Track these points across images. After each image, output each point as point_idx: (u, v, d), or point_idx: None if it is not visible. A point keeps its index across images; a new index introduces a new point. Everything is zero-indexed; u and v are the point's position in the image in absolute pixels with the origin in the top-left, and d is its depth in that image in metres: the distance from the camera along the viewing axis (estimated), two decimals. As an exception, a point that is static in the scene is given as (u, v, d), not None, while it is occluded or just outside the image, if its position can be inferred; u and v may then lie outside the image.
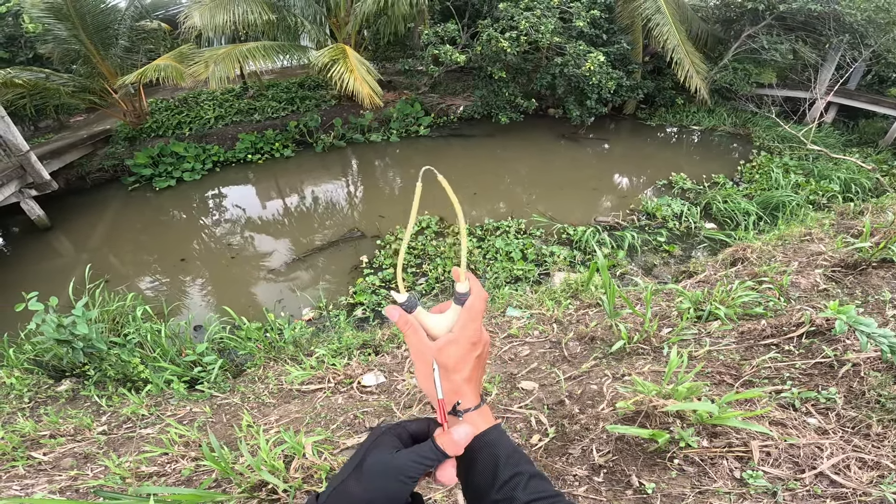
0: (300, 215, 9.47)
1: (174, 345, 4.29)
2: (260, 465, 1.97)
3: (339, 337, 4.16)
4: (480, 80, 12.50)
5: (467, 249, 6.67)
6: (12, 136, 9.09)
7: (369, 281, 6.37)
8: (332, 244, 7.80)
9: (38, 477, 2.42)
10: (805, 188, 8.31)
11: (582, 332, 3.23)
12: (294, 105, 13.11)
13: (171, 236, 8.95)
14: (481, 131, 12.53)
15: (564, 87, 11.17)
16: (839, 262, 3.57)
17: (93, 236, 9.39)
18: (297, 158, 11.96)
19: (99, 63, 10.99)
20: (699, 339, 2.79)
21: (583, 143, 11.91)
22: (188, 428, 2.60)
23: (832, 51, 11.96)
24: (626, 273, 6.28)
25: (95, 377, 3.75)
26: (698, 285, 4.11)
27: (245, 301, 6.57)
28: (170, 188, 10.87)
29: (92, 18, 10.46)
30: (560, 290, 4.63)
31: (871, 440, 1.76)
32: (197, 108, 12.89)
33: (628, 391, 2.15)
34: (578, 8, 10.88)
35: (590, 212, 8.45)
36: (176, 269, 7.64)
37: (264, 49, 10.52)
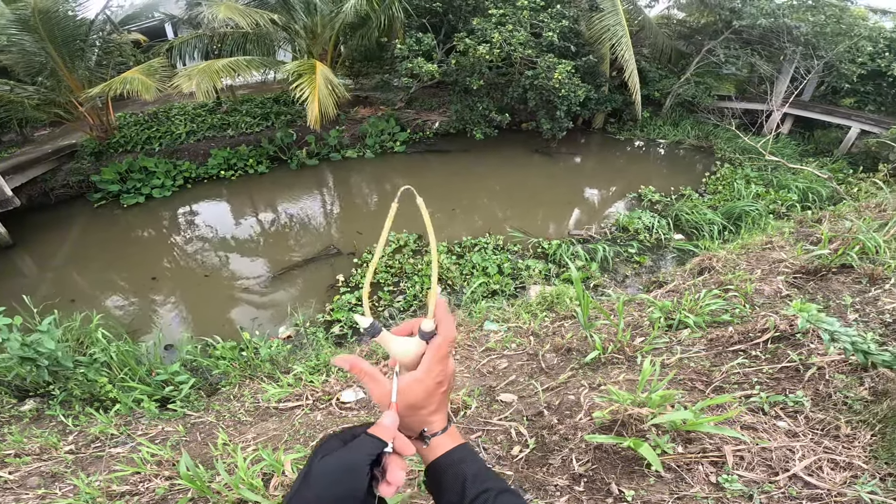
0: (276, 233, 9.35)
1: (144, 364, 4.17)
2: (238, 483, 1.94)
3: (316, 354, 4.12)
4: (455, 94, 12.65)
5: (438, 275, 6.73)
6: (-29, 151, 8.76)
7: (346, 299, 6.32)
8: (309, 262, 7.72)
9: (3, 495, 2.39)
10: (765, 198, 8.66)
11: (558, 343, 3.27)
12: (269, 120, 12.98)
13: (140, 255, 8.71)
14: (457, 146, 12.66)
15: (536, 99, 11.42)
16: (800, 268, 3.70)
17: (58, 255, 9.06)
18: (272, 175, 11.83)
19: (65, 76, 10.72)
20: (671, 348, 2.86)
21: (555, 157, 12.18)
22: (161, 447, 2.54)
23: (786, 63, 12.57)
24: (600, 285, 6.41)
25: (61, 396, 3.62)
26: (668, 295, 4.21)
27: (220, 320, 6.42)
28: (138, 205, 10.59)
29: (60, 31, 10.20)
30: (536, 303, 4.69)
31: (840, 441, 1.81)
32: (168, 123, 12.66)
33: (604, 401, 2.18)
34: (548, 20, 11.19)
35: (564, 225, 8.62)
36: (146, 289, 7.43)
37: (245, 63, 10.48)
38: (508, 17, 11.04)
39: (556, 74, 10.36)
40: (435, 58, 11.78)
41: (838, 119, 12.24)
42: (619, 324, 2.99)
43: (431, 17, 12.70)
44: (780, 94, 13.00)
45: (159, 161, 11.32)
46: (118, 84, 9.60)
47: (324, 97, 9.68)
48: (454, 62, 11.24)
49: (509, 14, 11.14)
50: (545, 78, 10.58)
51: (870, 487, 1.58)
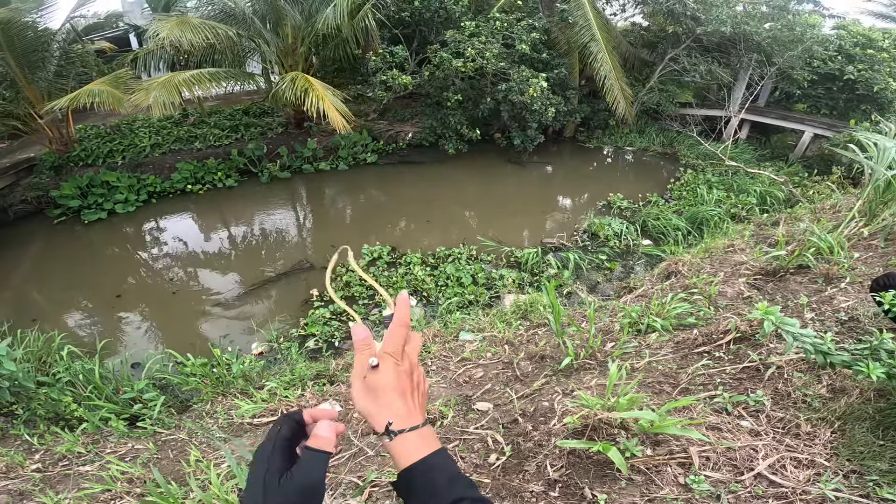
0: (247, 248, 9.20)
1: (110, 383, 4.03)
2: (212, 499, 1.91)
3: (291, 369, 4.07)
4: (428, 107, 12.75)
5: (412, 287, 6.76)
6: (-79, 166, 8.35)
7: (320, 313, 6.26)
8: (282, 276, 7.61)
9: None
10: (726, 202, 9.02)
11: (532, 351, 3.31)
12: (238, 133, 12.77)
13: (104, 272, 8.42)
14: (431, 158, 12.74)
15: (508, 113, 11.61)
16: (760, 270, 3.81)
17: (16, 273, 8.67)
18: (242, 188, 11.61)
19: (24, 87, 10.34)
20: (639, 352, 2.92)
21: (528, 167, 12.39)
22: (131, 464, 2.50)
23: (742, 70, 13.11)
24: (572, 292, 6.54)
25: (25, 416, 3.49)
26: (637, 300, 4.31)
27: (189, 337, 6.25)
28: (100, 221, 10.22)
29: (20, 41, 9.86)
30: (510, 312, 4.73)
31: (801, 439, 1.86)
32: (131, 136, 12.29)
33: (575, 406, 2.20)
34: (520, 31, 11.41)
35: (537, 234, 8.77)
36: (111, 307, 7.18)
37: (209, 76, 10.30)
38: (482, 29, 11.20)
39: (531, 90, 10.55)
40: (408, 69, 11.86)
41: (792, 124, 12.80)
42: (590, 330, 3.05)
43: (404, 28, 12.77)
44: (738, 101, 13.55)
45: (122, 175, 10.96)
46: (85, 96, 9.30)
47: (335, 103, 9.69)
48: (427, 74, 11.33)
49: (482, 26, 11.32)
50: (518, 92, 10.77)
51: (833, 485, 1.61)
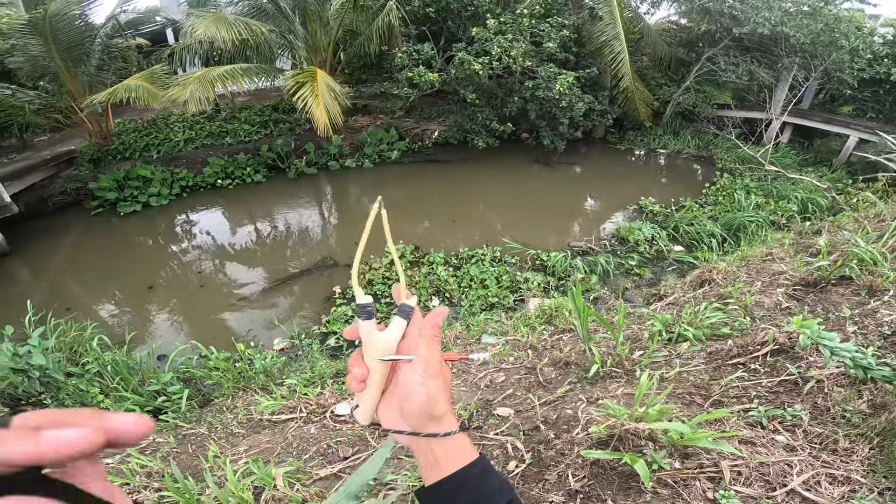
0: (272, 243, 9.33)
1: (137, 374, 4.11)
2: (227, 496, 1.90)
3: (311, 366, 4.07)
4: (455, 104, 12.66)
5: (436, 287, 6.72)
6: (-31, 157, 8.74)
7: (342, 311, 6.27)
8: (305, 272, 7.67)
9: None
10: (765, 208, 8.66)
11: (556, 357, 3.24)
12: (267, 128, 12.96)
13: (137, 264, 8.66)
14: (456, 156, 12.67)
15: (536, 111, 11.41)
16: (800, 280, 3.68)
17: (53, 263, 9.01)
18: (269, 184, 11.81)
19: (67, 80, 10.72)
20: (669, 361, 2.83)
21: (555, 167, 12.17)
22: (151, 458, 2.50)
23: (785, 71, 12.50)
24: (599, 297, 6.38)
25: (53, 406, 3.56)
26: (668, 307, 4.19)
27: (214, 330, 6.36)
28: (135, 213, 10.56)
29: (66, 35, 10.19)
30: (535, 316, 4.66)
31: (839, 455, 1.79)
32: (166, 130, 12.64)
33: (601, 415, 2.15)
34: (548, 30, 11.20)
35: (563, 237, 8.60)
36: (142, 298, 7.38)
37: (241, 71, 10.47)
38: (508, 26, 11.04)
39: (558, 86, 10.36)
40: (435, 66, 11.79)
41: (837, 128, 12.18)
42: (618, 337, 2.96)
43: (431, 25, 12.66)
44: (780, 103, 12.99)
45: (156, 169, 11.29)
46: (122, 91, 9.58)
47: (328, 104, 9.64)
48: (453, 72, 11.25)
49: (509, 22, 11.15)
50: (546, 89, 10.58)
51: (868, 502, 1.56)
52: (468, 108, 12.20)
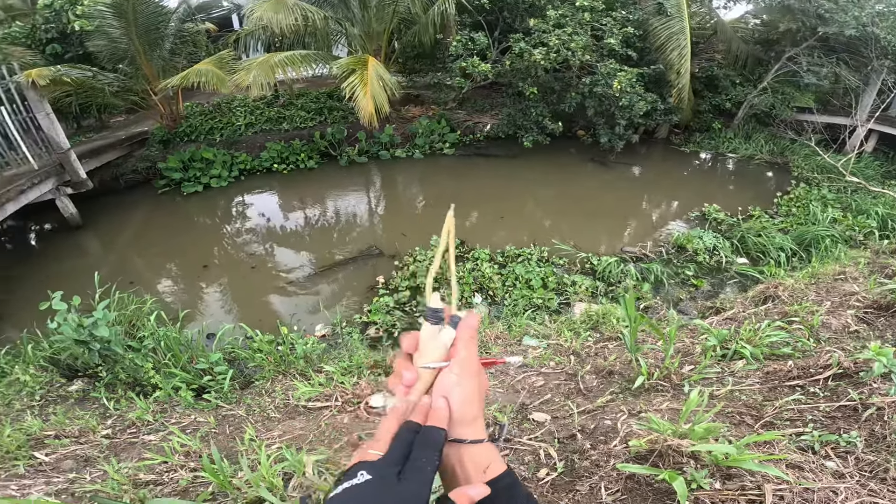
0: (320, 229, 9.54)
1: (186, 352, 4.29)
2: (259, 481, 1.93)
3: (349, 355, 4.11)
4: (509, 97, 12.45)
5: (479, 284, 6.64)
6: (55, 133, 9.43)
7: (384, 301, 6.31)
8: (351, 261, 7.79)
9: (36, 477, 2.42)
10: (842, 223, 7.99)
11: (600, 365, 3.15)
12: (322, 116, 13.28)
13: (195, 242, 9.11)
14: (508, 151, 12.46)
15: (594, 108, 11.02)
16: (872, 303, 3.45)
17: (121, 238, 9.63)
18: (321, 171, 12.09)
19: (143, 64, 11.34)
20: (721, 379, 2.71)
21: (612, 167, 11.71)
22: (191, 437, 2.59)
23: (874, 74, 11.48)
24: (650, 306, 6.11)
25: (107, 379, 3.77)
26: (725, 322, 3.97)
27: (260, 312, 6.59)
28: (197, 193, 11.10)
29: (144, 18, 10.74)
30: (580, 322, 4.56)
31: (887, 484, 1.69)
32: (229, 115, 13.21)
33: (643, 429, 2.08)
34: (610, 24, 10.77)
35: (616, 241, 8.27)
36: (197, 276, 7.75)
37: (301, 58, 10.73)
38: (568, 19, 10.71)
39: (616, 83, 9.95)
40: (489, 57, 11.61)
41: (926, 138, 11.13)
42: (668, 350, 2.82)
43: (486, 15, 12.45)
44: (866, 108, 11.91)
45: (218, 152, 11.81)
46: (194, 75, 10.04)
47: (377, 93, 9.70)
48: (509, 64, 11.04)
49: (569, 15, 10.82)
50: (604, 86, 10.20)
51: None
52: (522, 102, 11.95)
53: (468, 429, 0.61)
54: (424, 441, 0.57)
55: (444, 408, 0.60)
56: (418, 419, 0.60)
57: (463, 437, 0.61)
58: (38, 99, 9.15)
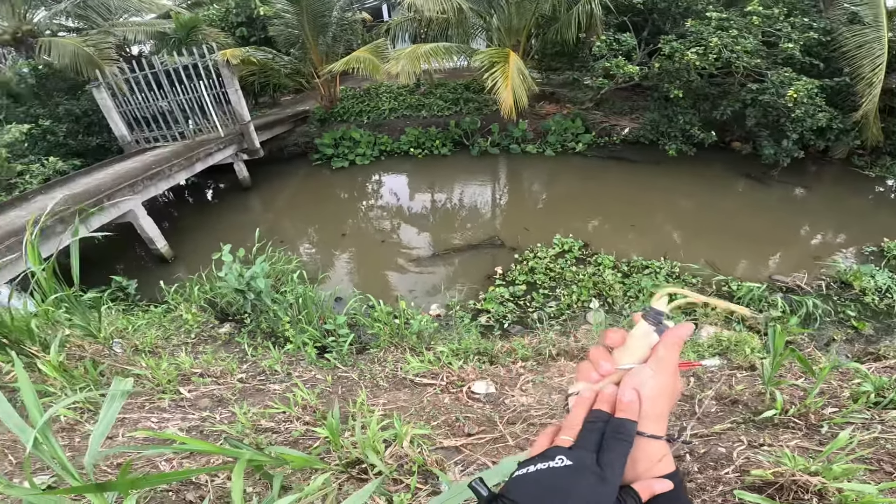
0: (445, 213, 9.88)
1: (318, 311, 4.77)
2: (365, 443, 2.03)
3: (459, 339, 4.22)
4: (654, 101, 11.58)
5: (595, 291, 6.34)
6: (241, 107, 11.02)
7: (499, 292, 6.37)
8: (472, 247, 7.98)
9: (175, 412, 2.59)
10: None
11: (724, 392, 2.93)
12: (458, 106, 13.67)
13: (337, 212, 10.08)
14: (646, 157, 11.59)
15: (757, 118, 9.76)
16: None
17: (278, 201, 11.02)
18: (453, 158, 12.48)
19: (311, 48, 12.70)
20: (868, 425, 2.38)
21: (770, 185, 10.24)
22: (310, 392, 2.72)
23: None
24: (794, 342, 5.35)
25: (250, 327, 4.30)
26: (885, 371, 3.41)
27: (382, 284, 7.09)
28: (343, 168, 12.23)
29: (314, 5, 11.99)
30: (706, 346, 4.21)
31: None
32: (376, 99, 14.26)
33: (769, 461, 1.97)
34: (788, 29, 9.41)
35: (761, 267, 7.32)
36: (335, 243, 8.57)
37: (444, 49, 11.14)
38: (732, 23, 9.64)
39: (791, 92, 8.67)
40: (635, 58, 10.94)
41: None
42: (815, 388, 2.53)
43: (634, 16, 11.73)
44: None
45: (364, 133, 12.85)
46: (354, 61, 11.02)
47: (516, 87, 9.73)
48: (657, 66, 10.26)
49: (734, 19, 9.74)
50: (775, 94, 8.97)
51: None
52: (669, 107, 11.03)
53: (651, 423, 0.61)
54: (617, 431, 0.58)
55: (635, 400, 0.60)
56: (604, 409, 0.62)
57: (643, 430, 0.60)
58: (230, 76, 10.72)
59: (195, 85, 10.79)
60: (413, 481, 1.90)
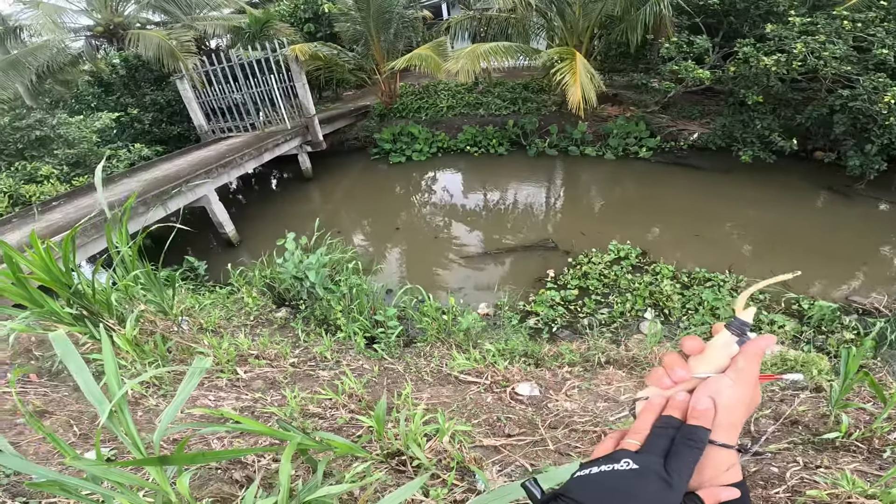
0: (500, 213, 9.82)
1: (369, 302, 4.89)
2: (408, 436, 2.06)
3: (506, 339, 4.19)
4: (727, 106, 10.94)
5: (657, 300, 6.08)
6: (307, 101, 11.48)
7: (550, 295, 6.27)
8: (524, 248, 7.89)
9: (230, 392, 2.67)
10: None
11: (782, 411, 2.79)
12: (516, 105, 13.52)
13: (392, 206, 10.28)
14: (715, 165, 10.96)
15: (846, 125, 8.99)
16: None
17: (337, 192, 11.39)
18: (510, 158, 12.37)
19: (374, 46, 13.02)
20: None
21: (854, 199, 9.38)
22: (357, 381, 2.77)
23: None
24: (867, 366, 4.93)
25: (304, 313, 4.47)
26: None
27: (432, 279, 7.16)
28: (400, 164, 12.45)
29: (377, 2, 12.29)
30: (770, 364, 3.98)
31: None
32: (434, 97, 14.38)
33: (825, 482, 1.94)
34: (882, 35, 8.62)
35: (836, 286, 6.76)
36: (388, 236, 8.75)
37: (504, 49, 11.06)
38: (819, 27, 8.97)
39: (888, 97, 7.95)
40: (707, 62, 10.39)
41: None
42: (882, 413, 2.38)
43: (707, 17, 11.16)
44: None
45: (422, 129, 13.01)
46: (416, 59, 11.19)
47: (584, 83, 9.58)
48: (732, 70, 9.71)
49: (820, 23, 9.05)
50: (867, 100, 8.24)
51: None
52: (744, 111, 10.38)
53: (723, 432, 0.59)
54: (689, 438, 0.57)
55: (711, 408, 0.59)
56: (675, 415, 0.61)
57: (714, 439, 0.59)
58: (298, 71, 11.18)
59: (266, 78, 11.33)
60: (451, 477, 1.91)
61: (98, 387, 1.35)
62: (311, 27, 15.55)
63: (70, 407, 2.40)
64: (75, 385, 2.62)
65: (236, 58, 11.39)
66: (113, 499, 1.27)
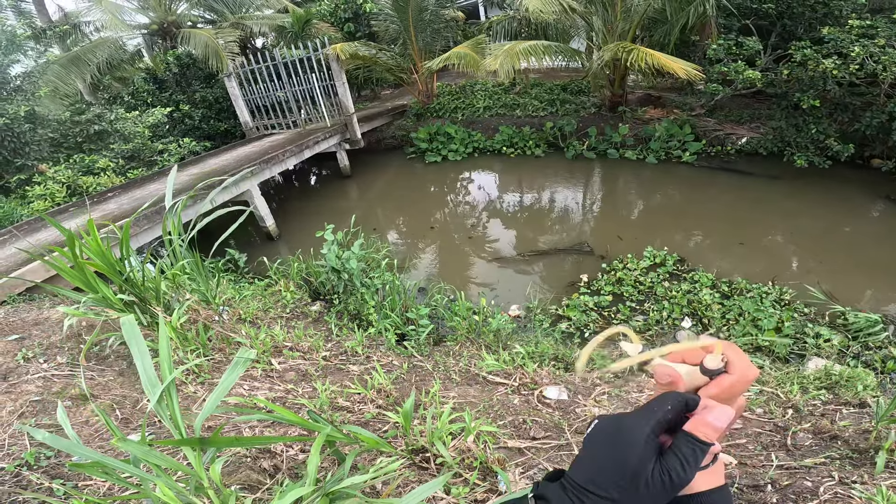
0: (534, 215, 9.73)
1: (402, 299, 4.95)
2: (434, 434, 2.08)
3: (537, 342, 4.17)
4: (780, 109, 10.47)
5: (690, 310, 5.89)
6: (346, 99, 11.72)
7: (583, 300, 6.19)
8: (558, 251, 7.80)
9: (264, 382, 2.73)
10: None
11: (823, 426, 2.71)
12: (553, 107, 13.35)
13: (427, 205, 10.37)
14: (764, 171, 10.49)
15: (908, 131, 8.54)
16: None
17: (373, 190, 11.58)
18: (546, 159, 12.22)
19: (412, 45, 13.14)
20: None
21: (915, 209, 8.86)
22: (386, 377, 2.82)
23: None
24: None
25: (338, 307, 4.57)
26: None
27: (464, 279, 7.17)
28: (436, 163, 12.52)
29: (415, 2, 12.40)
30: (812, 378, 3.80)
31: None
32: (471, 97, 14.38)
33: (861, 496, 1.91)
34: None
35: (889, 299, 6.39)
36: (422, 234, 8.83)
37: (543, 48, 10.94)
38: (879, 31, 8.53)
39: None
40: (759, 64, 9.99)
41: None
42: None
43: (759, 20, 10.77)
44: None
45: (459, 129, 13.03)
46: (455, 58, 11.23)
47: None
48: (786, 73, 9.30)
49: (880, 27, 8.61)
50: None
51: None
52: (798, 115, 9.93)
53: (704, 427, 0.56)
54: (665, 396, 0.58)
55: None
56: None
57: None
58: (339, 70, 11.41)
59: (308, 77, 11.63)
60: (473, 476, 1.93)
61: (154, 371, 1.41)
62: (351, 27, 15.83)
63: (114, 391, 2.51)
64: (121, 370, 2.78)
65: (280, 57, 11.73)
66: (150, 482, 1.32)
